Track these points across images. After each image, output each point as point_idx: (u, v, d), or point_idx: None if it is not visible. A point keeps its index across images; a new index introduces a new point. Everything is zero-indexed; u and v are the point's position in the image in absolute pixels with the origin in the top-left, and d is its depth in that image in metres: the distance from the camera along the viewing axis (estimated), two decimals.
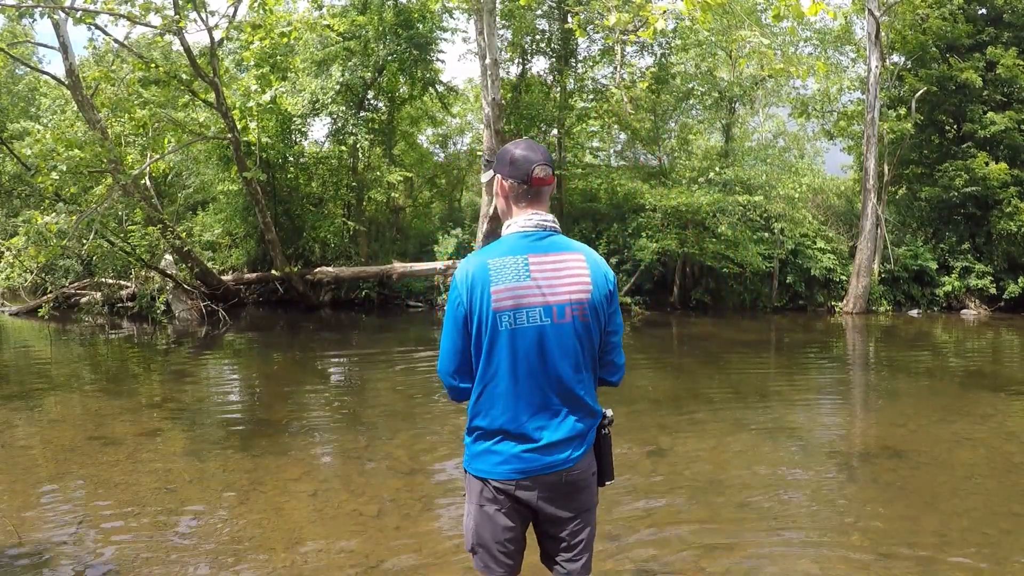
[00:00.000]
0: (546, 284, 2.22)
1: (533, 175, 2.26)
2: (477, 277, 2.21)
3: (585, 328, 2.26)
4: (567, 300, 2.23)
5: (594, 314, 2.27)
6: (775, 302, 16.40)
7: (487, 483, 2.32)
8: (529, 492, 2.28)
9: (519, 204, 2.31)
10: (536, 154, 2.28)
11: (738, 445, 6.02)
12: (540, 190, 2.30)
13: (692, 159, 16.73)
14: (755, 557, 3.94)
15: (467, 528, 2.42)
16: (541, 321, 2.21)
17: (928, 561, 3.88)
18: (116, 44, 13.50)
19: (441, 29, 17.21)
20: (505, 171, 2.31)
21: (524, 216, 2.29)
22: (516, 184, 2.29)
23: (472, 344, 2.26)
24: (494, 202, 11.82)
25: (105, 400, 7.81)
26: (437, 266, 15.92)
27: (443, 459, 5.78)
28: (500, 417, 2.26)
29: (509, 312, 2.19)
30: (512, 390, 2.23)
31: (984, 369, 10.00)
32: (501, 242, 2.30)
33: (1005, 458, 5.74)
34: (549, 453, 2.25)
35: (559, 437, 2.25)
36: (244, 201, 16.72)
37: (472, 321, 2.23)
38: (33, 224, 10.93)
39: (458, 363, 2.31)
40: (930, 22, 16.14)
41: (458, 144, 22.71)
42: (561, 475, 2.28)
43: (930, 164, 17.30)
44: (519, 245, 2.25)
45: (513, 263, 2.22)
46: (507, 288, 2.19)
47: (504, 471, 2.27)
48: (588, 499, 2.36)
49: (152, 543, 4.12)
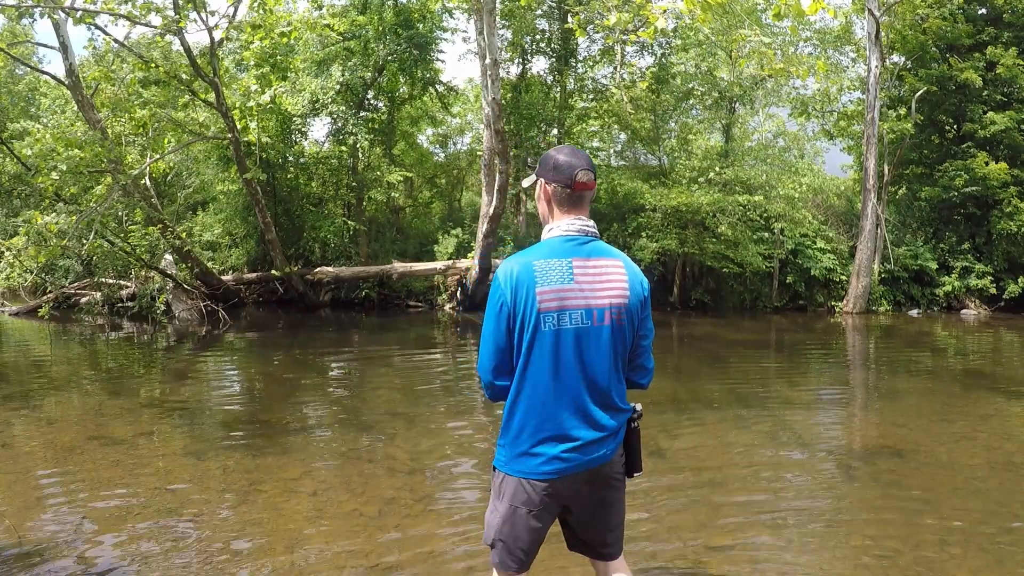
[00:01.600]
0: (588, 288, 2.30)
1: (576, 179, 2.34)
2: (522, 278, 2.27)
3: (621, 332, 2.35)
4: (607, 304, 2.31)
5: (629, 319, 2.36)
6: (775, 302, 16.41)
7: (525, 484, 2.35)
8: (568, 488, 2.36)
9: (561, 208, 2.38)
10: (579, 160, 2.36)
11: (738, 445, 6.02)
12: (582, 195, 2.37)
13: (692, 159, 16.73)
14: (755, 557, 3.94)
15: (491, 523, 2.44)
16: (582, 323, 2.29)
17: (928, 561, 3.88)
18: (116, 44, 13.49)
19: (441, 29, 17.22)
20: (549, 176, 2.38)
21: (567, 220, 2.37)
22: (559, 188, 2.36)
23: (514, 343, 2.31)
24: (494, 202, 11.75)
25: (105, 400, 7.81)
26: (437, 266, 15.92)
27: (443, 459, 5.78)
28: (540, 417, 2.32)
29: (554, 313, 2.27)
30: (552, 390, 2.30)
31: (984, 369, 10.00)
32: (545, 244, 2.36)
33: (1005, 458, 5.74)
34: (587, 451, 2.33)
35: (596, 436, 2.34)
36: (244, 201, 16.73)
37: (515, 321, 2.28)
38: (33, 224, 10.94)
39: (499, 362, 2.34)
40: (930, 22, 16.15)
41: (458, 144, 22.74)
42: (599, 470, 2.38)
43: (930, 164, 17.31)
44: (563, 248, 2.33)
45: (558, 265, 2.29)
46: (552, 290, 2.26)
47: (545, 471, 2.33)
48: (619, 491, 2.48)
49: (152, 543, 4.12)
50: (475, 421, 7.20)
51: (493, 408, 7.87)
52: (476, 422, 7.14)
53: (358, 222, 17.17)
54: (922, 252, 16.24)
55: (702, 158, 16.65)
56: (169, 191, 18.77)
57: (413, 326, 14.29)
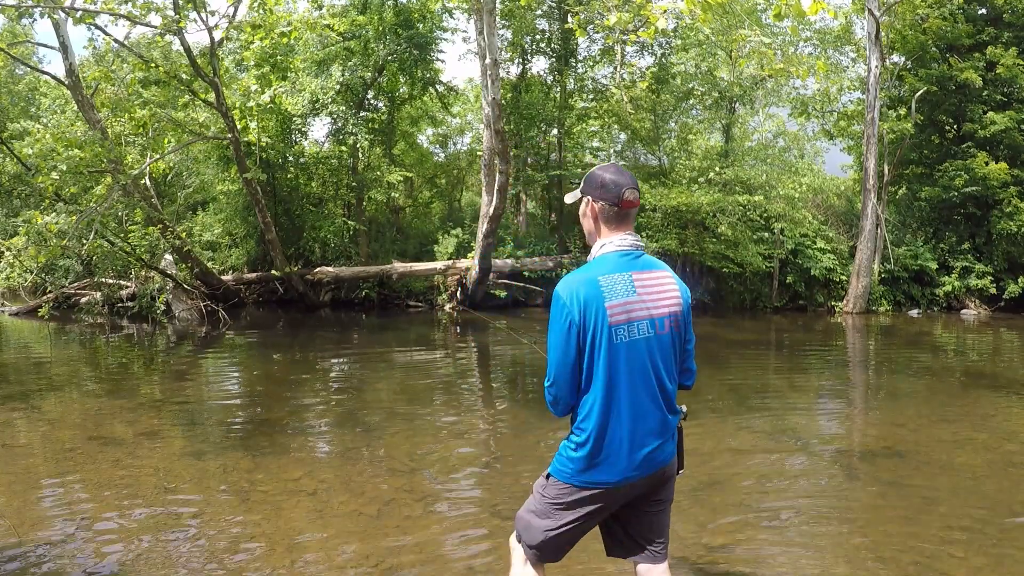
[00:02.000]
0: (649, 299, 2.42)
1: (623, 198, 2.44)
2: (590, 294, 2.35)
3: (677, 337, 2.50)
4: (667, 312, 2.45)
5: (683, 325, 2.51)
6: (775, 302, 16.40)
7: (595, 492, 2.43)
8: (637, 490, 2.48)
9: (610, 225, 2.47)
10: (625, 179, 2.45)
11: (738, 445, 6.02)
12: (629, 212, 2.47)
13: (692, 159, 16.73)
14: (755, 557, 3.94)
15: (535, 526, 2.51)
16: (648, 333, 2.41)
17: (928, 561, 3.88)
18: (116, 44, 13.48)
19: (441, 29, 17.22)
20: (596, 194, 2.47)
21: (618, 236, 2.46)
22: (607, 206, 2.45)
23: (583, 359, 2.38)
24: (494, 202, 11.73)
25: (105, 400, 7.81)
26: (437, 266, 15.92)
27: (443, 459, 5.78)
28: (620, 426, 2.39)
29: (625, 326, 2.36)
30: (629, 399, 2.39)
31: (984, 369, 10.00)
32: (603, 260, 2.45)
33: (1005, 458, 5.74)
34: (658, 454, 2.46)
35: (663, 440, 2.47)
36: (244, 201, 16.73)
37: (586, 337, 2.35)
38: (33, 224, 10.93)
39: (570, 378, 2.41)
40: (930, 22, 16.14)
41: (458, 144, 22.74)
42: (665, 471, 2.52)
43: (930, 164, 17.30)
44: (621, 263, 2.43)
45: (621, 279, 2.40)
46: (620, 303, 2.36)
47: (622, 478, 2.42)
48: (673, 487, 2.62)
49: (152, 543, 4.12)
50: (475, 421, 7.20)
51: (493, 408, 7.87)
52: (476, 422, 7.15)
53: (358, 222, 17.17)
54: (922, 252, 16.23)
55: (702, 158, 16.65)
56: (169, 191, 18.77)
57: (413, 326, 14.29)
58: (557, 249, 16.85)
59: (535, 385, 9.01)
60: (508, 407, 7.87)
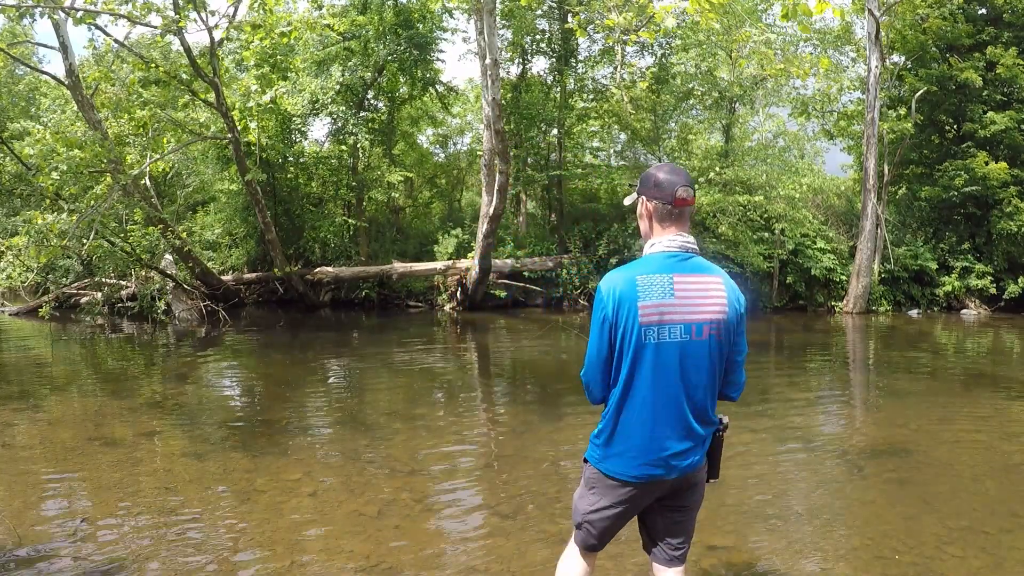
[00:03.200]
0: (689, 303, 2.40)
1: (677, 196, 2.44)
2: (625, 292, 2.38)
3: (718, 347, 2.45)
4: (707, 319, 2.42)
5: (727, 335, 2.46)
6: (775, 302, 16.40)
7: (614, 482, 2.52)
8: (655, 492, 2.54)
9: (663, 224, 2.48)
10: (679, 177, 2.46)
11: (738, 445, 6.02)
12: (683, 210, 2.48)
13: (692, 159, 16.73)
14: (755, 557, 3.95)
15: (579, 508, 2.64)
16: (681, 338, 2.39)
17: (928, 561, 3.88)
18: (116, 44, 13.48)
19: (441, 29, 17.21)
20: (650, 193, 2.49)
21: (668, 237, 2.47)
22: (661, 205, 2.47)
23: (616, 354, 2.43)
24: (494, 202, 11.70)
25: (105, 400, 7.81)
26: (437, 266, 15.92)
27: (443, 459, 5.78)
28: (637, 425, 2.44)
29: (655, 327, 2.38)
30: (651, 400, 2.42)
31: (984, 369, 10.00)
32: (648, 259, 2.46)
33: (1005, 458, 5.74)
34: (678, 460, 2.47)
35: (688, 446, 2.47)
36: (244, 201, 16.72)
37: (617, 333, 2.40)
38: (34, 224, 10.93)
39: (601, 371, 2.47)
40: (930, 22, 16.14)
41: (458, 144, 22.74)
42: (688, 478, 2.53)
43: (930, 164, 17.30)
44: (665, 264, 2.43)
45: (660, 281, 2.40)
46: (654, 304, 2.37)
47: (635, 475, 2.48)
48: (700, 495, 2.65)
49: (152, 543, 4.12)
50: (475, 421, 7.20)
51: (493, 409, 7.88)
52: (476, 422, 7.15)
53: (358, 222, 17.17)
54: (922, 252, 16.23)
55: (702, 158, 16.65)
56: (169, 191, 18.77)
57: (413, 326, 14.29)
58: (557, 249, 16.85)
59: (535, 385, 9.01)
60: (508, 407, 7.87)
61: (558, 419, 7.04)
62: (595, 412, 7.17)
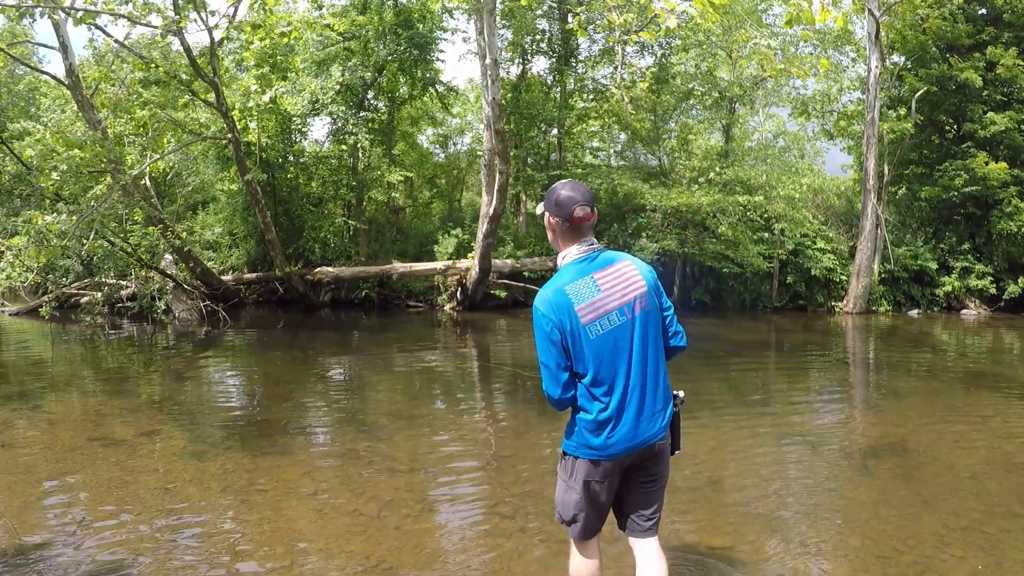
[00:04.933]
0: (614, 290, 2.72)
1: (574, 215, 2.72)
2: (560, 302, 2.68)
3: (651, 313, 2.77)
4: (633, 296, 2.73)
5: (652, 300, 2.78)
6: (775, 302, 16.40)
7: (599, 464, 2.75)
8: (632, 462, 2.81)
9: (565, 238, 2.78)
10: (578, 194, 2.73)
11: (738, 445, 6.02)
12: (580, 227, 2.75)
13: (692, 159, 16.72)
14: (755, 557, 3.95)
15: (567, 502, 2.85)
16: (619, 320, 2.71)
17: (928, 561, 3.88)
18: (116, 44, 13.47)
19: (441, 29, 17.20)
20: (552, 210, 2.77)
21: (576, 247, 2.76)
22: (561, 222, 2.75)
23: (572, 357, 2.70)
24: (494, 202, 11.77)
25: (105, 400, 7.81)
26: (437, 266, 15.91)
27: (443, 459, 5.78)
28: (608, 408, 2.70)
29: (596, 321, 2.68)
30: (614, 382, 2.70)
31: (984, 369, 10.00)
32: (565, 270, 2.76)
33: (1005, 458, 5.74)
34: (648, 429, 2.76)
35: (654, 410, 2.77)
36: (244, 201, 16.71)
37: (567, 339, 2.68)
38: (34, 224, 10.93)
39: (565, 379, 2.72)
40: (930, 22, 16.13)
41: (458, 144, 22.71)
42: (654, 446, 2.81)
43: (930, 164, 17.29)
44: (581, 269, 2.74)
45: (584, 283, 2.71)
46: (588, 304, 2.68)
47: (617, 451, 2.73)
48: (667, 466, 2.93)
49: (152, 543, 4.12)
50: (475, 421, 7.20)
51: (493, 408, 7.88)
52: (476, 422, 7.15)
53: (358, 222, 17.17)
54: (922, 252, 16.22)
55: (702, 158, 16.64)
56: (169, 191, 18.76)
57: (413, 326, 14.29)
58: None
59: (535, 385, 9.01)
60: (508, 407, 7.88)
61: (558, 419, 7.04)
62: None
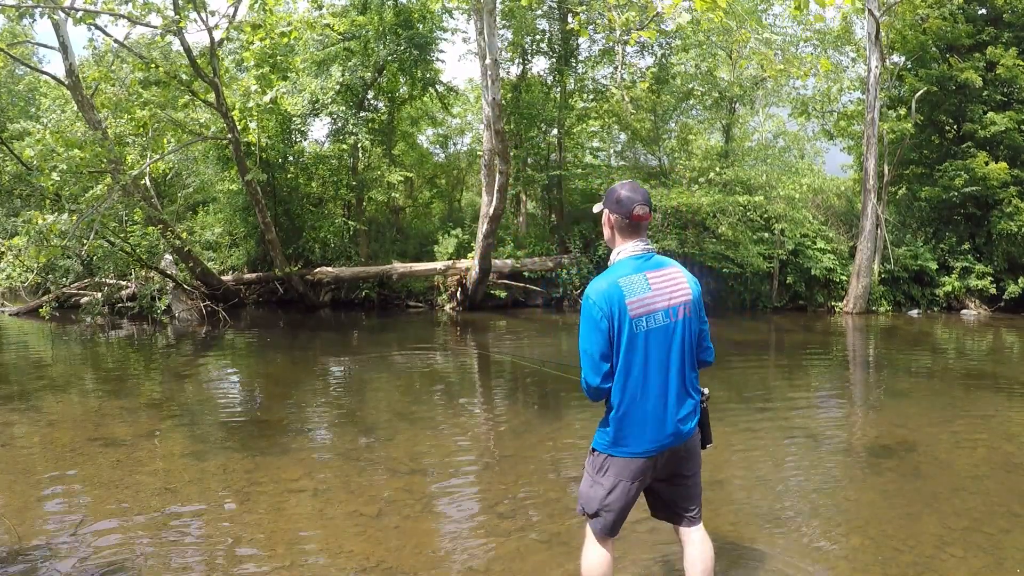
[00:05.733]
0: (663, 292, 2.86)
1: (634, 212, 2.86)
2: (613, 293, 2.78)
3: (691, 322, 2.92)
4: (680, 301, 2.88)
5: (695, 310, 2.94)
6: (775, 302, 16.40)
7: (628, 461, 2.87)
8: (665, 459, 2.92)
9: (623, 234, 2.91)
10: (638, 195, 2.87)
11: (738, 445, 6.02)
12: (639, 224, 2.89)
13: (692, 159, 16.71)
14: (755, 557, 3.95)
15: (592, 496, 2.94)
16: (664, 321, 2.84)
17: (928, 561, 3.88)
18: (116, 44, 13.47)
19: (441, 29, 17.20)
20: (612, 207, 2.90)
21: (632, 244, 2.90)
22: (620, 219, 2.89)
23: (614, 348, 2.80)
24: (494, 202, 11.77)
25: (105, 400, 7.81)
26: (437, 266, 15.91)
27: (443, 459, 5.78)
28: (643, 404, 2.82)
29: (643, 318, 2.80)
30: (651, 379, 2.82)
31: (984, 369, 10.00)
32: (622, 264, 2.88)
33: (1005, 458, 5.74)
34: (681, 427, 2.90)
35: (685, 413, 2.91)
36: (244, 201, 16.71)
37: (614, 329, 2.77)
38: (34, 224, 10.93)
39: (606, 368, 2.81)
40: (930, 22, 16.13)
41: (458, 144, 22.71)
42: (686, 444, 2.95)
43: (930, 164, 17.28)
44: (636, 266, 2.86)
45: (637, 279, 2.83)
46: (638, 299, 2.80)
47: (651, 448, 2.86)
48: (699, 460, 3.08)
49: (152, 543, 4.12)
50: (475, 421, 7.20)
51: (493, 409, 7.88)
52: (476, 422, 7.15)
53: (358, 222, 17.17)
54: (922, 252, 16.22)
55: (702, 158, 16.63)
56: (169, 191, 18.76)
57: (413, 326, 14.29)
58: (557, 249, 16.84)
59: (535, 385, 9.01)
60: (508, 407, 7.88)
61: (558, 419, 7.04)
62: (594, 410, 7.19)
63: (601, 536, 2.97)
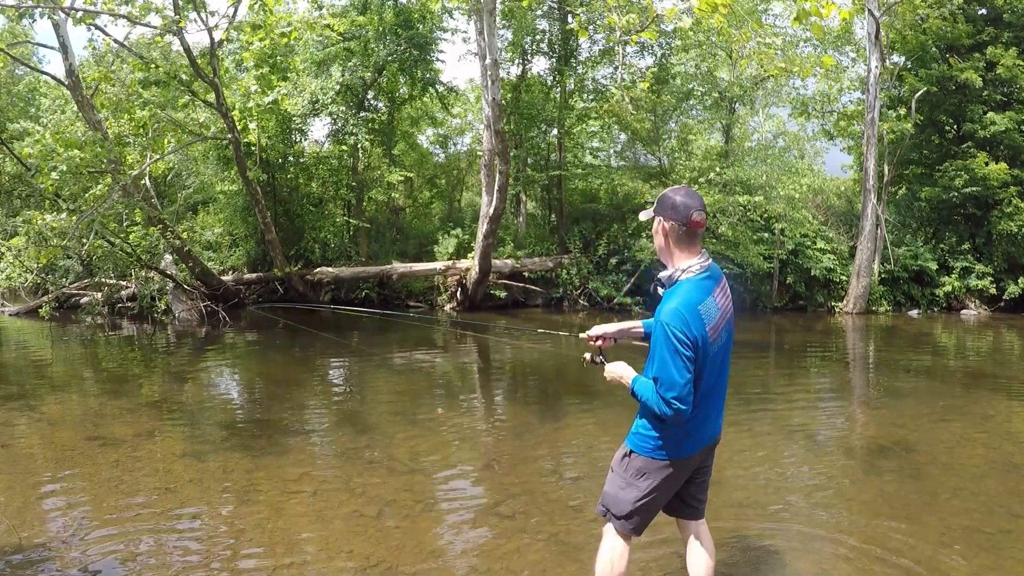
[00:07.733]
0: (726, 309, 2.86)
1: (692, 219, 2.71)
2: (698, 324, 2.69)
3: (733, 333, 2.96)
4: (731, 315, 2.92)
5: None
6: (775, 302, 16.40)
7: (682, 464, 2.91)
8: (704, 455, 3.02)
9: (680, 244, 2.77)
10: (694, 201, 2.74)
11: (738, 445, 6.02)
12: (696, 232, 2.76)
13: (692, 159, 16.71)
14: (755, 557, 3.94)
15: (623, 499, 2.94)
16: (725, 337, 2.85)
17: (928, 561, 3.88)
18: (116, 44, 13.47)
19: (441, 29, 17.20)
20: (667, 214, 2.75)
21: (696, 260, 2.76)
22: (677, 226, 2.73)
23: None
24: (494, 202, 11.68)
25: (105, 400, 7.81)
26: (437, 266, 15.91)
27: (443, 460, 5.78)
28: (705, 411, 2.85)
29: (715, 341, 2.78)
30: (708, 390, 2.83)
31: (984, 369, 10.00)
32: (696, 287, 2.73)
33: (1005, 458, 5.74)
34: (717, 427, 3.02)
35: (719, 414, 3.01)
36: (244, 201, 16.71)
37: (698, 359, 2.71)
38: (34, 224, 10.93)
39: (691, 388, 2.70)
40: (930, 22, 16.13)
41: (458, 144, 22.72)
42: (716, 440, 3.05)
43: (930, 164, 17.28)
44: (706, 286, 2.77)
45: (710, 303, 2.76)
46: (713, 325, 2.76)
47: (697, 448, 2.92)
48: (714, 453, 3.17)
49: (152, 543, 4.12)
50: (475, 421, 7.20)
51: (493, 409, 7.88)
52: (476, 422, 7.15)
53: (358, 222, 17.17)
54: (922, 252, 16.22)
55: (702, 158, 16.62)
56: (169, 191, 18.75)
57: (413, 327, 14.28)
58: (557, 249, 16.84)
59: (535, 385, 9.01)
60: (508, 408, 7.88)
61: (558, 419, 7.04)
62: (593, 412, 7.14)
63: (628, 535, 2.99)
